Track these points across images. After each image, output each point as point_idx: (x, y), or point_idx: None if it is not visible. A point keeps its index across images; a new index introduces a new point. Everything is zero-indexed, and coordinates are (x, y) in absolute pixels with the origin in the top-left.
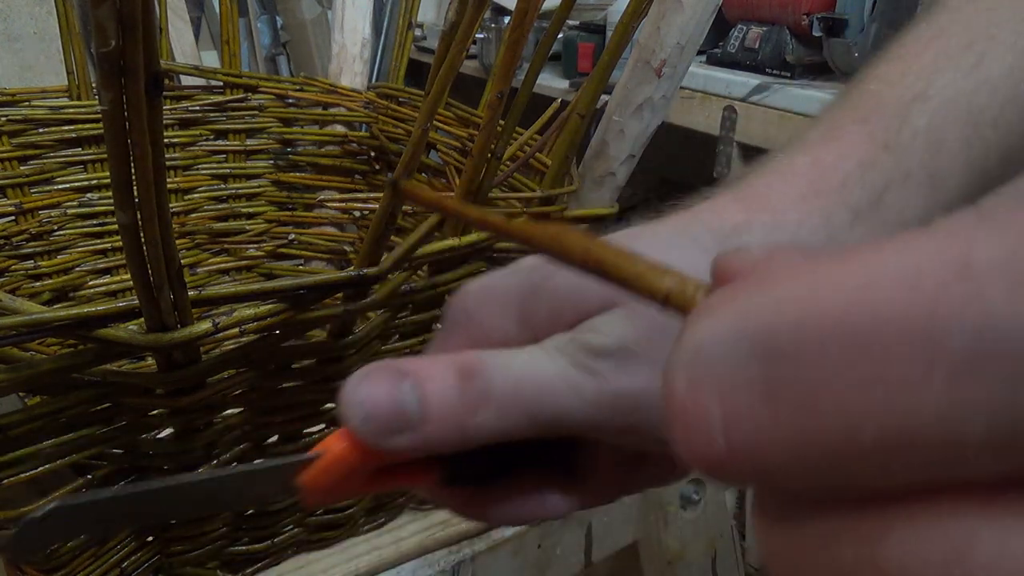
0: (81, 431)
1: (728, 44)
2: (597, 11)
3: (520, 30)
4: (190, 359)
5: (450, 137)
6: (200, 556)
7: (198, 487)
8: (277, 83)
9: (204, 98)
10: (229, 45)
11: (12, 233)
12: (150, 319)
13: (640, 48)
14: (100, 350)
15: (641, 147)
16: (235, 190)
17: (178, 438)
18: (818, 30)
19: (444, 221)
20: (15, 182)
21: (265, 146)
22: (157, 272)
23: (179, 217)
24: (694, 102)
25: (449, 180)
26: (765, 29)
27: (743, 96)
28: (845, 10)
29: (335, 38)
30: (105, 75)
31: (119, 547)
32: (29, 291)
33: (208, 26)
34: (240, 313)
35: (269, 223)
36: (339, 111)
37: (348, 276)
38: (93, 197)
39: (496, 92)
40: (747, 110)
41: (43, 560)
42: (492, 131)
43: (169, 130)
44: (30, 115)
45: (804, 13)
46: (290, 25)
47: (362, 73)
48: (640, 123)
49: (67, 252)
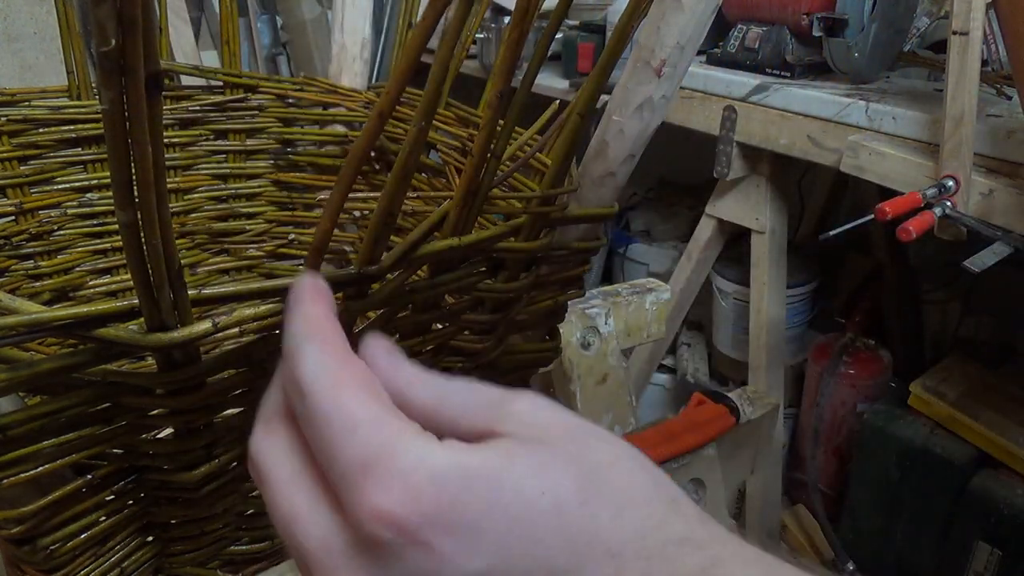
0: (81, 431)
1: (728, 44)
2: (597, 11)
3: (520, 30)
4: (190, 359)
5: (450, 137)
6: (200, 556)
7: None
8: (277, 83)
9: (204, 98)
10: (229, 45)
11: (12, 233)
12: (150, 319)
13: (640, 48)
14: (100, 350)
15: (641, 147)
16: (235, 190)
17: (178, 438)
18: (818, 30)
19: (444, 221)
20: (15, 182)
21: (265, 146)
22: (157, 272)
23: (179, 217)
24: (694, 102)
25: (449, 180)
26: (765, 29)
27: (743, 96)
28: (845, 10)
29: (335, 38)
30: (105, 75)
31: (119, 547)
32: (29, 291)
33: (208, 26)
34: (240, 313)
35: (269, 223)
36: (339, 111)
37: (347, 275)
38: (93, 197)
39: (496, 92)
40: (747, 110)
41: (43, 560)
42: (492, 131)
43: (169, 130)
44: (30, 115)
45: (804, 13)
46: (290, 25)
47: (362, 73)
48: (640, 123)
49: (67, 252)
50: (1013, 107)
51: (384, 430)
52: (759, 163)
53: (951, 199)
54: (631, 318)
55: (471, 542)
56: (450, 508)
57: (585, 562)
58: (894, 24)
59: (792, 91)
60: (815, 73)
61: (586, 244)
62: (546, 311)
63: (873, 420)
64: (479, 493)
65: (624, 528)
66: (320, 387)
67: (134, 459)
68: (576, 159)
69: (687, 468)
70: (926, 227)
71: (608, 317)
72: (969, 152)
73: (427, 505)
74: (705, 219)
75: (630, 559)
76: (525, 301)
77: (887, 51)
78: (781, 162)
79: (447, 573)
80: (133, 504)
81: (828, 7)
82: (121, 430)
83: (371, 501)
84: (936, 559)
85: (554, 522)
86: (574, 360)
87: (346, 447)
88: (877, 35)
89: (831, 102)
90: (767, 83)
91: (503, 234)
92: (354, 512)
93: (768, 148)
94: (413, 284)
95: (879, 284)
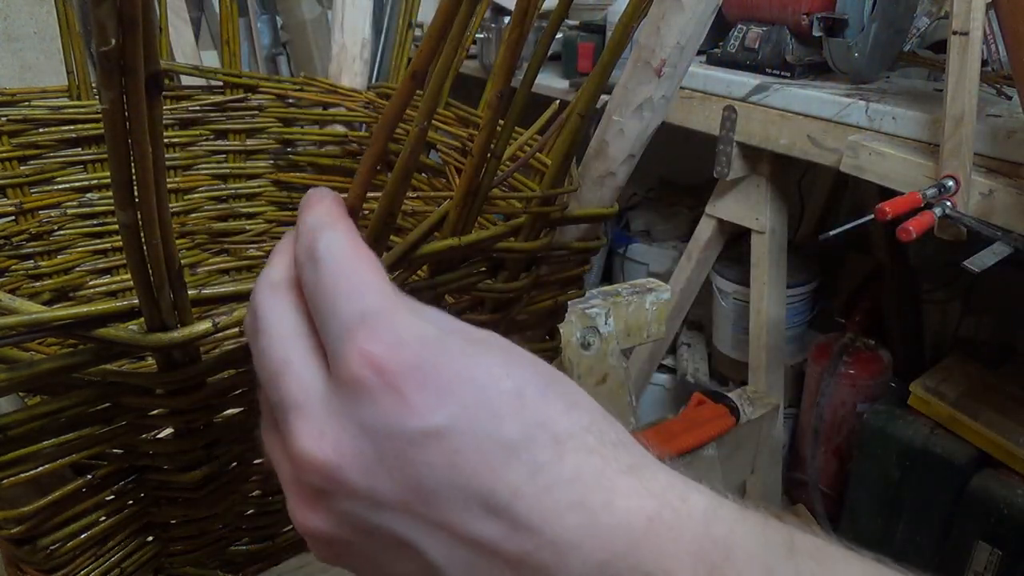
0: (81, 431)
1: (728, 44)
2: (597, 11)
3: (520, 30)
4: (190, 359)
5: (450, 137)
6: (200, 556)
7: None
8: (277, 83)
9: (204, 98)
10: (229, 45)
11: (12, 233)
12: (150, 319)
13: (640, 48)
14: (100, 350)
15: (641, 147)
16: (235, 190)
17: (178, 438)
18: (818, 30)
19: (444, 221)
20: (15, 182)
21: (265, 146)
22: (157, 272)
23: (179, 217)
24: (694, 102)
25: (449, 180)
26: (765, 29)
27: (743, 96)
28: (845, 10)
29: (335, 38)
30: (105, 74)
31: (119, 547)
32: (29, 291)
33: (208, 26)
34: (240, 313)
35: (269, 223)
36: (339, 111)
37: None
38: (93, 197)
39: (496, 92)
40: (747, 110)
41: (43, 560)
42: (492, 131)
43: (169, 130)
44: (30, 115)
45: (804, 13)
46: (290, 25)
47: (362, 73)
48: (640, 123)
49: (67, 252)
50: (1013, 107)
51: (388, 300)
52: (759, 163)
53: (951, 199)
54: (631, 318)
55: (437, 400)
56: (427, 367)
57: (532, 442)
58: (894, 24)
59: (792, 91)
60: (815, 73)
61: (586, 244)
62: (546, 311)
63: (873, 420)
64: (455, 362)
65: (572, 422)
66: (336, 257)
67: (134, 459)
68: (576, 159)
69: (687, 468)
70: (926, 227)
71: (608, 317)
72: (969, 152)
73: (409, 359)
74: (705, 219)
75: (571, 448)
76: (525, 301)
77: (887, 51)
78: (781, 162)
79: (409, 421)
80: (133, 504)
81: (828, 7)
82: (121, 430)
83: (361, 345)
84: (936, 559)
85: (513, 402)
86: (574, 360)
87: (350, 304)
88: (877, 35)
89: (831, 102)
90: (767, 83)
91: (503, 234)
92: (343, 356)
93: (768, 148)
94: (413, 284)
95: (879, 284)
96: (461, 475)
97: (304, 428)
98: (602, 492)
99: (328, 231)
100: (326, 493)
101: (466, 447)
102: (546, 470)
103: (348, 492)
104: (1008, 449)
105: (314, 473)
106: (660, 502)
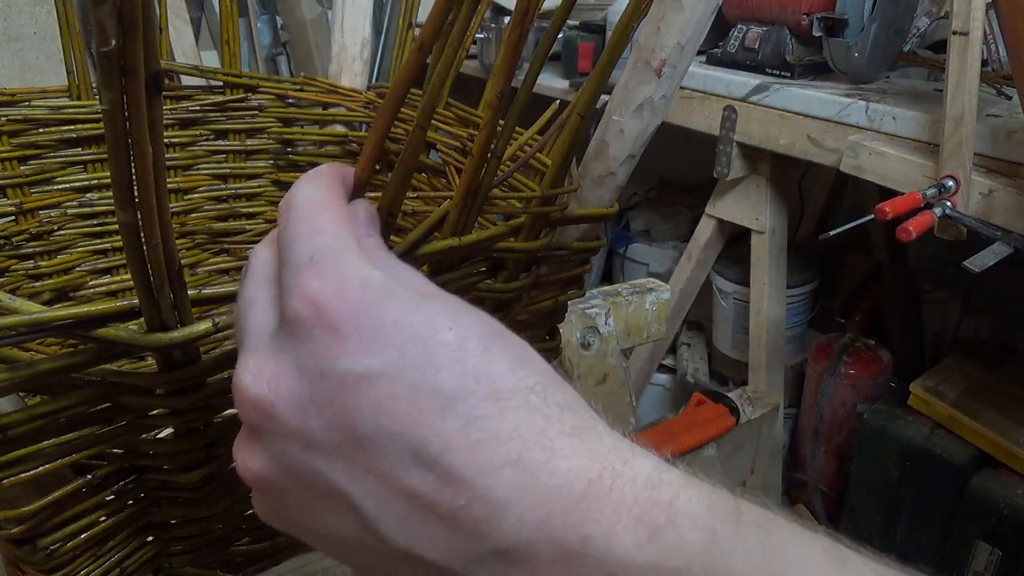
0: (81, 431)
1: (728, 44)
2: (597, 11)
3: (520, 30)
4: (190, 359)
5: (450, 137)
6: (200, 556)
7: None
8: (277, 83)
9: (204, 98)
10: (229, 45)
11: (12, 233)
12: (150, 319)
13: (640, 48)
14: (100, 350)
15: (641, 147)
16: (235, 190)
17: (178, 438)
18: (818, 30)
19: (444, 221)
20: (15, 182)
21: (265, 146)
22: (157, 272)
23: (179, 217)
24: (694, 102)
25: (449, 180)
26: (765, 29)
27: (743, 96)
28: (845, 10)
29: (335, 38)
30: (105, 75)
31: (119, 547)
32: (29, 291)
33: (208, 26)
34: None
35: (269, 223)
36: (339, 111)
37: None
38: (93, 197)
39: (496, 92)
40: (747, 110)
41: (43, 560)
42: (492, 131)
43: (169, 130)
44: (30, 115)
45: (804, 13)
46: (290, 25)
47: (362, 73)
48: (640, 123)
49: (67, 252)
50: (1013, 107)
51: (341, 242)
52: (759, 163)
53: (951, 199)
54: (631, 318)
55: (374, 343)
56: (366, 310)
57: (469, 394)
58: (894, 24)
59: (792, 91)
60: (815, 73)
61: (586, 244)
62: (546, 311)
63: (873, 420)
64: (397, 309)
65: (516, 380)
66: (303, 204)
67: (134, 459)
68: (576, 159)
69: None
70: (926, 227)
71: (608, 317)
72: (969, 152)
73: (349, 301)
74: (705, 219)
75: (512, 407)
76: (525, 301)
77: (887, 51)
78: (781, 162)
79: (344, 361)
80: (133, 504)
81: (828, 7)
82: (121, 430)
83: (304, 284)
84: (936, 559)
85: (454, 354)
86: (574, 360)
87: (302, 246)
88: (877, 35)
89: (831, 102)
90: (767, 83)
91: (503, 234)
92: (288, 293)
93: (768, 148)
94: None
95: (879, 284)
96: (393, 422)
97: (247, 364)
98: (542, 451)
99: (307, 183)
100: (262, 431)
101: (399, 394)
102: (482, 424)
103: (281, 430)
104: (1008, 449)
105: (251, 409)
106: (603, 464)
